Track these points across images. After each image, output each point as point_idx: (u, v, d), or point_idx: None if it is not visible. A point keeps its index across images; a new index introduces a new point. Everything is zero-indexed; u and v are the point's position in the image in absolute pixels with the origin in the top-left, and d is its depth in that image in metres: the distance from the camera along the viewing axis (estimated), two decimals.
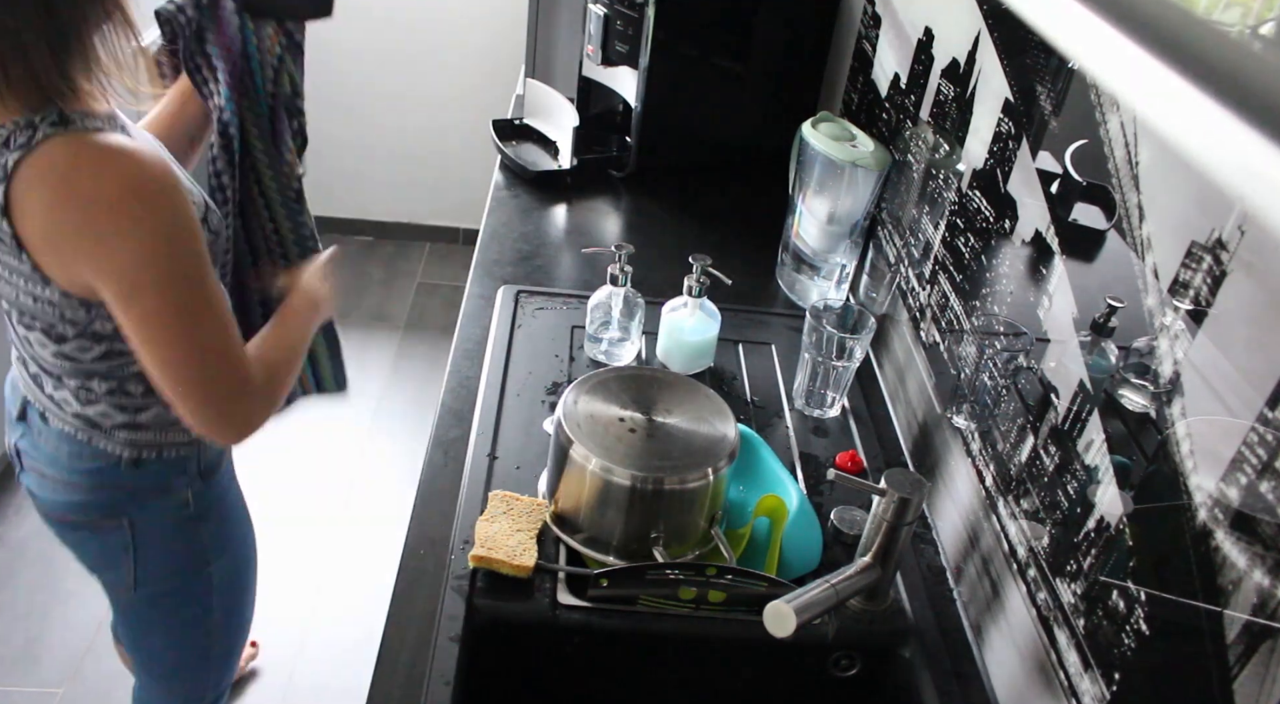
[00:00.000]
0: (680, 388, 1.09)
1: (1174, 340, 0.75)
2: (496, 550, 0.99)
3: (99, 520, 1.15)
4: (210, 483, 1.20)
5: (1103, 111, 0.87)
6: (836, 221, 1.43)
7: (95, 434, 1.10)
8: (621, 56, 1.79)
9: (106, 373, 1.06)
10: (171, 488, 1.16)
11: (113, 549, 1.17)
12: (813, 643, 1.02)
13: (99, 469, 1.11)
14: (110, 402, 1.08)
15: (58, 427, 1.11)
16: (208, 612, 1.28)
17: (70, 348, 1.03)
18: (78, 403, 1.08)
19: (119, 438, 1.10)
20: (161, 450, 1.13)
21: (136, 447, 1.11)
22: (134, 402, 1.09)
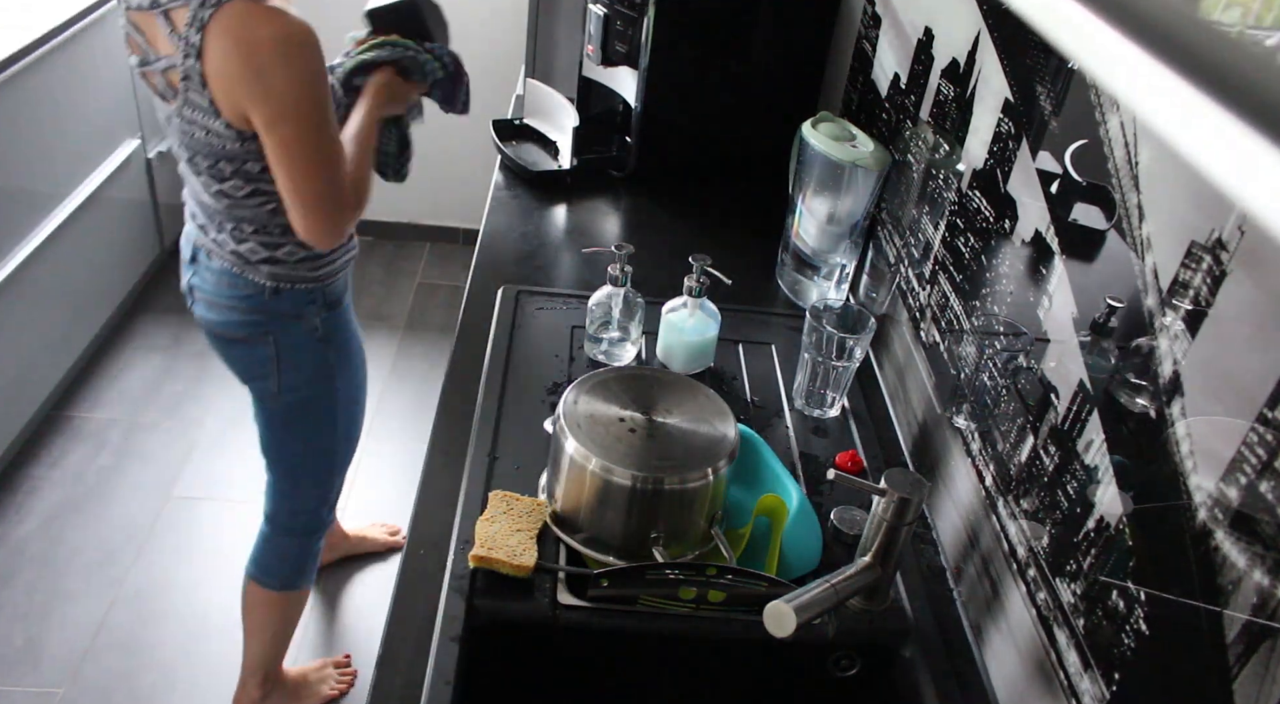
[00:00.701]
0: (680, 388, 1.09)
1: (1174, 340, 0.75)
2: (496, 550, 0.99)
3: (251, 337, 1.46)
4: (334, 313, 1.50)
5: (1103, 111, 0.87)
6: (836, 221, 1.43)
7: (246, 268, 1.41)
8: (621, 56, 1.78)
9: (253, 215, 1.36)
10: (304, 314, 1.47)
11: (262, 361, 1.48)
12: (813, 643, 1.02)
13: (248, 296, 1.43)
14: (256, 240, 1.39)
15: (217, 264, 1.42)
16: (333, 420, 1.58)
17: (228, 186, 1.33)
18: (233, 242, 1.39)
19: (263, 271, 1.41)
20: (295, 283, 1.44)
21: (276, 279, 1.42)
22: (274, 240, 1.39)
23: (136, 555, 2.20)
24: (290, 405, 1.54)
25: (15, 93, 2.18)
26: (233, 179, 1.32)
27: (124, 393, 2.65)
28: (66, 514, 2.28)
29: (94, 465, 2.42)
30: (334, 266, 1.48)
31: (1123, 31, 0.42)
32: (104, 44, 2.55)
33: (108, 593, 2.11)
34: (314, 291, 1.46)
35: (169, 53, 1.22)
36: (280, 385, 1.50)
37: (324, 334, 1.49)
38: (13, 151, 2.21)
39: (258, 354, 1.48)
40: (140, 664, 1.97)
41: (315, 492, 1.68)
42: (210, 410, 2.63)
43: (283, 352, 1.47)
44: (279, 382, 1.50)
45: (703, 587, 0.97)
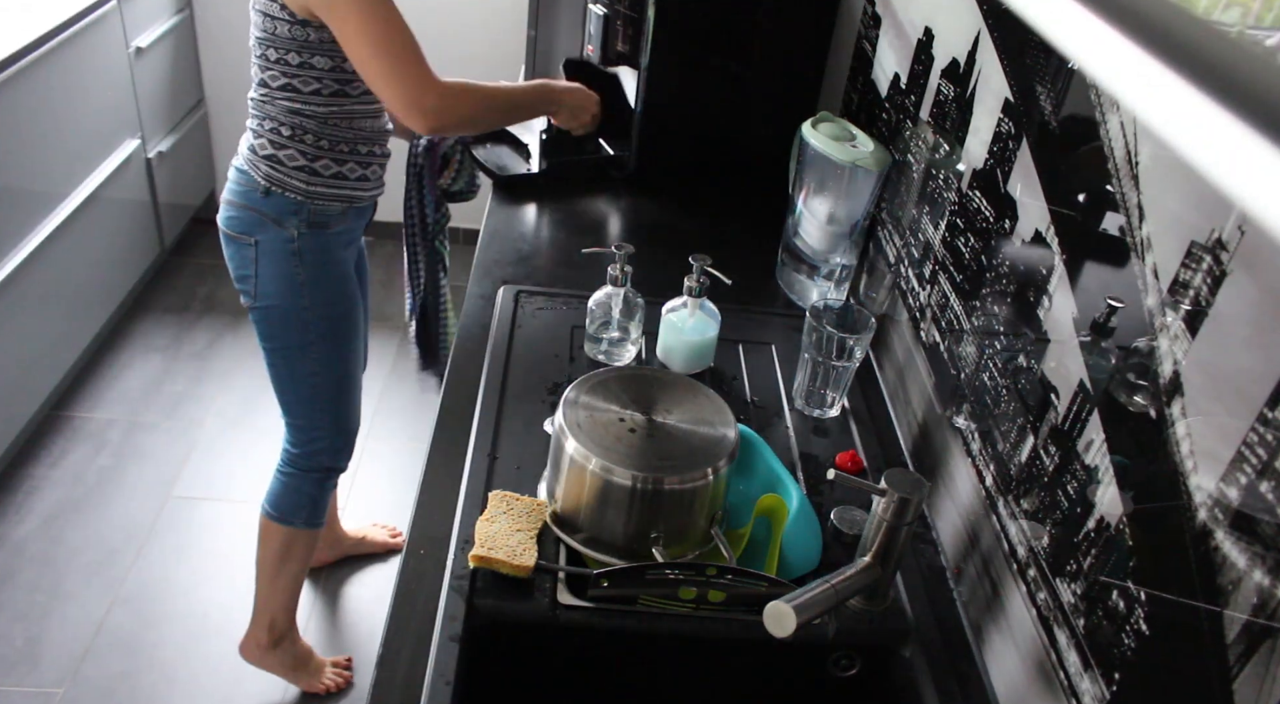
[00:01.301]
0: (680, 388, 1.09)
1: (1174, 340, 0.75)
2: (497, 550, 0.99)
3: (240, 234, 1.53)
4: (314, 233, 1.54)
5: (1103, 111, 0.87)
6: (836, 221, 1.43)
7: (251, 165, 1.49)
8: (621, 56, 1.78)
9: (276, 110, 1.45)
10: (284, 222, 1.51)
11: (245, 261, 1.55)
12: (813, 643, 1.02)
13: (245, 191, 1.51)
14: (269, 136, 1.47)
15: (237, 163, 1.53)
16: (308, 345, 1.61)
17: (268, 75, 1.43)
18: (253, 136, 1.49)
19: (262, 170, 1.49)
20: (285, 190, 1.49)
21: (270, 180, 1.49)
22: (281, 139, 1.47)
23: (136, 555, 2.20)
24: (266, 315, 1.59)
25: (15, 93, 2.18)
26: (275, 67, 1.41)
27: (124, 393, 2.65)
28: (66, 514, 2.28)
29: (94, 465, 2.42)
30: (328, 190, 1.52)
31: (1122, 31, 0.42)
32: (104, 44, 2.55)
33: (108, 593, 2.11)
34: (300, 205, 1.51)
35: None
36: (258, 290, 1.56)
37: (299, 247, 1.53)
38: (13, 151, 2.21)
39: (244, 253, 1.54)
40: (140, 664, 1.97)
41: (314, 427, 1.71)
42: (210, 410, 2.63)
43: (260, 254, 1.53)
44: (257, 285, 1.56)
45: (703, 587, 0.97)
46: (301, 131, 1.46)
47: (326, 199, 1.53)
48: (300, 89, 1.43)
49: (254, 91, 1.47)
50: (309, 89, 1.43)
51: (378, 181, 1.60)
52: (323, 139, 1.48)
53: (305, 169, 1.49)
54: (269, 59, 1.41)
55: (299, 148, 1.48)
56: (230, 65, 3.16)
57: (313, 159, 1.49)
